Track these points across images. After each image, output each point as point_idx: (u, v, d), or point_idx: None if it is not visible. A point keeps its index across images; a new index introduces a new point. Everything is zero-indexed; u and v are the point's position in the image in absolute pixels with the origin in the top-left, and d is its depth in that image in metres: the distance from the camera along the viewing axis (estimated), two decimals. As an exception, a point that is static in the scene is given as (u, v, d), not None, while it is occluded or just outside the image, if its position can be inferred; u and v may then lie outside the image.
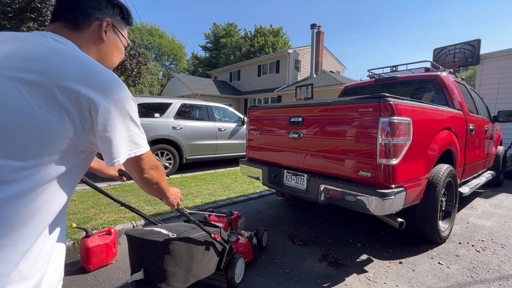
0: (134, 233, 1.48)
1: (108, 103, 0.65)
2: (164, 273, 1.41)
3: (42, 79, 0.59)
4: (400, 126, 1.91)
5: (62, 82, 0.60)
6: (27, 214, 0.58)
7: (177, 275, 1.45)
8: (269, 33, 33.98)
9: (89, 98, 0.62)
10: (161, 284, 1.41)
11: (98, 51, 0.82)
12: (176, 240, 1.46)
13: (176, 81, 21.78)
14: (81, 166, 0.73)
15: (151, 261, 1.44)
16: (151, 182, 0.86)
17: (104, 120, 0.64)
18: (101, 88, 0.64)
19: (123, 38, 0.90)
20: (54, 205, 0.65)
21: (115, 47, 0.87)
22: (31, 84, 0.58)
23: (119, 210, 3.22)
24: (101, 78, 0.66)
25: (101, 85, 0.65)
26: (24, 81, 0.58)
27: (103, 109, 0.64)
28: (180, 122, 5.49)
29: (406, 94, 3.36)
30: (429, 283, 1.95)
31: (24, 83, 0.58)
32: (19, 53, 0.62)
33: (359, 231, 2.86)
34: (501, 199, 4.12)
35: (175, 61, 40.95)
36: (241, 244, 2.05)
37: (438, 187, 2.36)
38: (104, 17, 0.81)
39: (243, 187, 4.56)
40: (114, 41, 0.86)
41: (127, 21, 0.91)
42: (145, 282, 1.43)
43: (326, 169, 2.31)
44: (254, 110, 3.11)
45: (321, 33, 18.89)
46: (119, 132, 0.68)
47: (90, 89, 0.62)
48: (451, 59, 7.48)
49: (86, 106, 0.62)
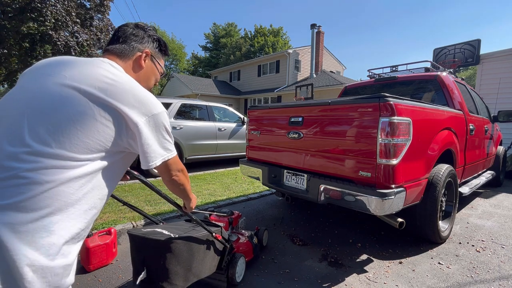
0: (136, 233, 1.49)
1: (146, 119, 0.82)
2: (166, 272, 1.42)
3: (101, 96, 0.76)
4: (400, 126, 1.91)
5: (115, 102, 0.77)
6: (76, 197, 0.73)
7: (179, 274, 1.46)
8: (269, 33, 33.98)
9: (133, 116, 0.79)
10: (163, 283, 1.42)
11: (138, 75, 1.00)
12: (178, 239, 1.47)
13: (176, 81, 21.77)
14: (122, 163, 0.89)
15: (153, 260, 1.45)
16: (178, 183, 1.02)
17: (144, 132, 0.81)
18: (142, 108, 0.82)
19: (159, 66, 1.09)
20: (98, 194, 0.80)
21: (152, 73, 1.07)
22: (94, 97, 0.76)
23: (119, 210, 3.22)
24: (143, 100, 0.83)
25: (142, 105, 0.82)
26: (90, 94, 0.76)
27: (142, 123, 0.81)
28: (180, 122, 5.49)
29: (406, 94, 3.36)
30: (429, 283, 1.95)
31: (90, 95, 0.75)
32: (87, 72, 0.80)
33: (359, 231, 2.86)
34: (501, 199, 4.12)
35: (175, 61, 40.91)
36: (241, 243, 2.05)
37: (438, 187, 2.36)
38: (144, 49, 1.01)
39: (243, 187, 4.56)
40: (151, 68, 1.05)
41: (164, 52, 1.11)
42: (147, 281, 1.44)
43: (326, 169, 2.31)
44: (254, 110, 3.11)
45: (321, 33, 18.88)
46: (156, 141, 0.85)
47: (135, 110, 0.80)
48: (451, 59, 7.48)
49: (130, 121, 0.79)
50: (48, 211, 0.68)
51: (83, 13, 12.00)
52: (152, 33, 1.05)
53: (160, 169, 0.92)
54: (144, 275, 1.42)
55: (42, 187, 0.67)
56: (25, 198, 0.66)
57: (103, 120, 0.76)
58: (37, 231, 0.66)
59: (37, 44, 10.83)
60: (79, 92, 0.75)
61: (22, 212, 0.65)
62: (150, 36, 1.04)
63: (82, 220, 0.75)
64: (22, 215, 0.65)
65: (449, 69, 4.01)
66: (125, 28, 1.01)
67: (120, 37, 0.99)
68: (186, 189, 1.09)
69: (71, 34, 11.24)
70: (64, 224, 0.71)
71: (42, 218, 0.67)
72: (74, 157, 0.72)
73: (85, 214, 0.76)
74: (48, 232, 0.67)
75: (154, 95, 0.92)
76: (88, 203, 0.76)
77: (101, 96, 0.76)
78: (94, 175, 0.77)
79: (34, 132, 0.71)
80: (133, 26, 1.02)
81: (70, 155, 0.72)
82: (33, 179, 0.67)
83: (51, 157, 0.70)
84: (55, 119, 0.72)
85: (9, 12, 9.72)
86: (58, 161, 0.70)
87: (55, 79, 0.77)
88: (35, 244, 0.65)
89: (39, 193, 0.67)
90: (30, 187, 0.66)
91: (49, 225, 0.68)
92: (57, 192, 0.69)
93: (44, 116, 0.73)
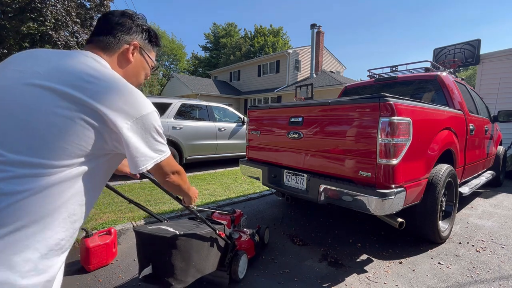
0: (143, 230, 1.52)
1: (133, 122, 0.73)
2: (172, 268, 1.45)
3: (81, 96, 0.67)
4: (400, 126, 1.91)
5: (96, 104, 0.68)
6: (53, 206, 0.65)
7: (184, 270, 1.48)
8: (269, 33, 33.97)
9: (116, 120, 0.70)
10: (169, 279, 1.44)
11: (126, 71, 0.90)
12: (183, 236, 1.50)
13: (176, 81, 21.77)
14: (108, 165, 0.80)
15: (159, 256, 1.48)
16: (173, 185, 0.97)
17: (129, 137, 0.72)
18: (128, 109, 0.72)
19: (150, 59, 0.98)
20: (80, 200, 0.72)
21: (141, 67, 0.96)
22: (73, 98, 0.67)
23: (119, 210, 3.22)
24: (129, 100, 0.73)
25: (128, 107, 0.73)
26: (68, 94, 0.67)
27: (126, 128, 0.72)
28: (180, 122, 5.49)
29: (406, 94, 3.36)
30: (429, 283, 1.95)
31: (68, 96, 0.67)
32: (65, 69, 0.71)
33: (359, 231, 2.86)
34: (501, 199, 4.12)
35: (175, 61, 40.91)
36: (243, 241, 2.07)
37: (438, 187, 2.36)
38: (132, 41, 0.90)
39: (243, 187, 4.56)
40: (140, 61, 0.95)
41: (154, 43, 0.99)
42: (153, 277, 1.48)
43: (326, 169, 2.31)
44: (254, 110, 3.11)
45: (321, 33, 18.88)
46: (145, 143, 0.77)
47: (119, 112, 0.71)
48: (451, 59, 7.48)
49: (113, 125, 0.70)
50: (20, 224, 0.60)
51: (83, 13, 12.00)
52: (140, 22, 0.93)
53: (152, 171, 0.85)
54: (149, 270, 1.46)
55: (12, 198, 0.60)
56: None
57: (83, 123, 0.67)
58: (8, 247, 0.59)
59: (37, 44, 10.82)
60: (55, 92, 0.66)
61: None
62: (139, 25, 0.92)
63: (60, 230, 0.68)
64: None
65: (449, 69, 4.01)
66: (110, 16, 0.89)
67: (104, 27, 0.87)
68: (183, 189, 1.04)
69: (71, 34, 11.24)
70: (40, 236, 0.63)
71: (13, 232, 0.59)
72: (50, 164, 0.64)
73: (64, 222, 0.68)
74: (22, 247, 0.60)
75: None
76: (68, 211, 0.69)
77: (81, 97, 0.67)
78: (74, 182, 0.69)
79: (2, 138, 0.63)
80: (119, 14, 0.90)
81: (45, 162, 0.64)
82: (2, 190, 0.60)
83: (22, 165, 0.62)
84: (27, 123, 0.64)
85: (9, 12, 9.71)
86: (31, 169, 0.62)
87: (28, 77, 0.68)
88: (8, 262, 0.58)
89: (9, 205, 0.60)
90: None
91: (22, 240, 0.60)
92: (30, 202, 0.62)
93: (14, 119, 0.64)
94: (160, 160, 0.82)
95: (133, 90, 0.77)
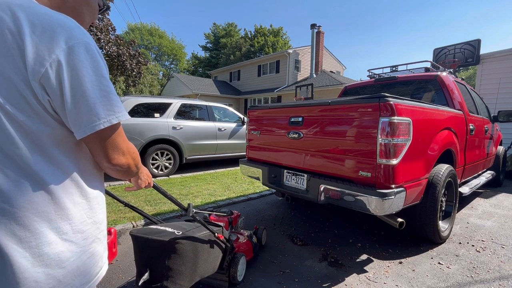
0: (139, 233, 1.48)
1: (64, 53, 0.56)
2: (171, 272, 1.43)
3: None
4: (400, 126, 1.91)
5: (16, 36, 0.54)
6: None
7: (183, 274, 1.46)
8: (269, 33, 33.97)
9: (41, 53, 0.54)
10: (168, 283, 1.42)
11: (63, 4, 0.69)
12: (182, 239, 1.47)
13: (176, 81, 21.77)
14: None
15: (157, 260, 1.45)
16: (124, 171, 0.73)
17: (66, 76, 0.56)
18: (49, 38, 0.55)
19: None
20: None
21: (85, 3, 0.74)
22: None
23: (119, 210, 3.22)
24: (51, 25, 0.56)
25: (50, 34, 0.56)
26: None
27: (62, 62, 0.56)
28: (180, 122, 5.49)
29: (406, 94, 3.36)
30: (429, 283, 1.95)
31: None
32: None
33: (359, 231, 2.86)
34: (501, 199, 4.12)
35: (175, 61, 40.95)
36: (241, 243, 2.06)
37: (438, 187, 2.36)
38: None
39: (243, 187, 4.56)
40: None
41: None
42: (151, 281, 1.44)
43: (326, 169, 2.31)
44: (254, 110, 3.11)
45: (321, 33, 18.88)
46: (89, 87, 0.58)
47: (41, 44, 0.54)
48: (451, 59, 7.48)
49: (37, 61, 0.54)
50: None
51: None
52: None
53: (90, 141, 0.64)
54: (147, 277, 1.42)
55: None
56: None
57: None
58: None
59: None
60: None
61: None
62: None
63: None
64: None
65: (449, 69, 4.02)
66: None
67: None
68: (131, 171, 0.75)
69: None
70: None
71: None
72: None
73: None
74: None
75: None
76: None
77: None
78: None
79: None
80: None
81: None
82: None
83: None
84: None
85: (9, 12, 9.71)
86: None
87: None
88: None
89: None
90: None
91: None
92: None
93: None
94: (117, 121, 0.65)
95: (51, 13, 0.59)
